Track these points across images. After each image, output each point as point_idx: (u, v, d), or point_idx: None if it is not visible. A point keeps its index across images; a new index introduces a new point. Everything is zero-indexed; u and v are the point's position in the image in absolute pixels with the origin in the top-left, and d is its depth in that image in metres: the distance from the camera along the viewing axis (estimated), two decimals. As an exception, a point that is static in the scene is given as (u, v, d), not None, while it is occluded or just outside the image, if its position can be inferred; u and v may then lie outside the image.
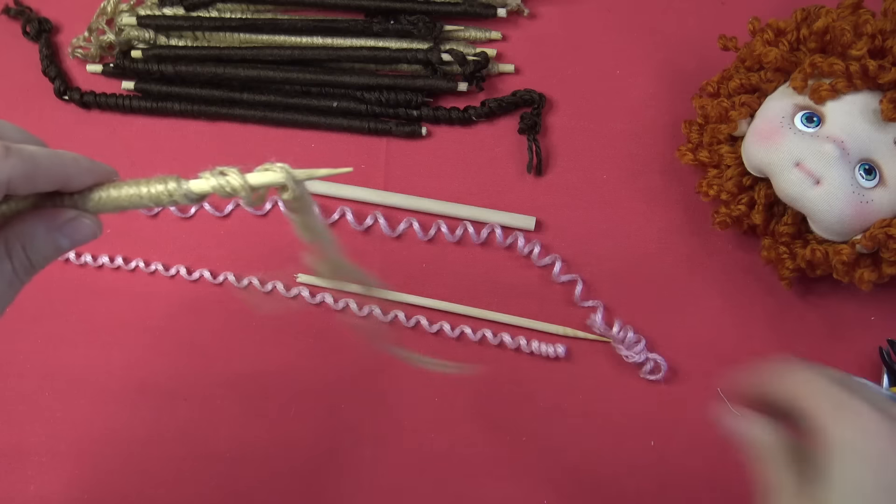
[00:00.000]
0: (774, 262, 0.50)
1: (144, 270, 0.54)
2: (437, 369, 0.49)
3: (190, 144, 0.57)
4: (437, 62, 0.56)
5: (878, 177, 0.46)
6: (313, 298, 0.53)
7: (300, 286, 0.53)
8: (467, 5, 0.58)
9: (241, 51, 0.57)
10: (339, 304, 0.53)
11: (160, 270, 0.54)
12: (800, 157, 0.46)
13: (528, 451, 0.50)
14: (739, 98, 0.49)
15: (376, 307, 0.53)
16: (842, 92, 0.46)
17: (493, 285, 0.52)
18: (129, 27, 0.58)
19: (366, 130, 0.57)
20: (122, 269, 0.54)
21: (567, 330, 0.52)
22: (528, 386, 0.52)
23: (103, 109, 0.58)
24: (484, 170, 0.56)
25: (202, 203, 0.43)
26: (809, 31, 0.48)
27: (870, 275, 0.47)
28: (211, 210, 0.55)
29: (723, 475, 0.49)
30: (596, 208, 0.55)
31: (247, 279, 0.54)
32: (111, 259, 0.54)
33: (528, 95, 0.57)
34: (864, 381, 0.46)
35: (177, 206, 0.38)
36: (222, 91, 0.57)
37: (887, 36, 0.46)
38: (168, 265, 0.54)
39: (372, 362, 0.52)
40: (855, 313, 0.53)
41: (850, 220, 0.46)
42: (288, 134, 0.57)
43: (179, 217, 0.55)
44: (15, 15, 0.60)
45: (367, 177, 0.56)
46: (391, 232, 0.54)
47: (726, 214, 0.50)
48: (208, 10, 0.59)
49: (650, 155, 0.56)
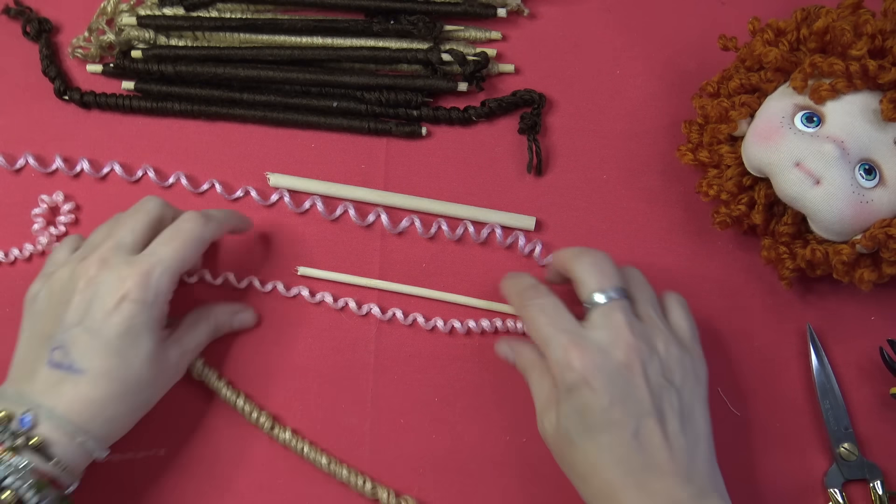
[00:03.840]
0: (774, 262, 0.50)
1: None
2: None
3: (190, 144, 0.57)
4: (437, 62, 0.56)
5: (878, 177, 0.46)
6: (313, 297, 0.53)
7: (300, 286, 0.53)
8: (467, 5, 0.58)
9: (241, 51, 0.57)
10: (338, 304, 0.53)
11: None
12: (800, 157, 0.46)
13: (529, 450, 0.50)
14: (739, 98, 0.49)
15: (375, 305, 0.53)
16: (842, 92, 0.46)
17: (494, 284, 0.52)
18: (129, 27, 0.58)
19: (366, 130, 0.57)
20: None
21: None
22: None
23: (103, 109, 0.58)
24: (484, 170, 0.56)
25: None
26: (809, 31, 0.48)
27: (870, 275, 0.47)
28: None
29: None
30: (596, 208, 0.55)
31: (246, 280, 0.54)
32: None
33: (528, 95, 0.57)
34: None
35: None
36: (222, 91, 0.57)
37: (887, 36, 0.46)
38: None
39: (371, 361, 0.52)
40: (855, 313, 0.53)
41: (850, 220, 0.46)
42: (288, 134, 0.57)
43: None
44: (15, 15, 0.60)
45: (367, 177, 0.56)
46: (393, 228, 0.54)
47: (726, 214, 0.50)
48: (208, 10, 0.59)
49: (650, 155, 0.56)
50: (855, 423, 0.50)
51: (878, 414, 0.51)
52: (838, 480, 0.49)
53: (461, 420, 0.51)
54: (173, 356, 0.47)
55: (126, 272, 0.44)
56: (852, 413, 0.51)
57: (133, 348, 0.43)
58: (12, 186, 0.56)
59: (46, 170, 0.56)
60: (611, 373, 0.42)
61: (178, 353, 0.47)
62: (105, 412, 0.43)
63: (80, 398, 0.42)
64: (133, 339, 0.43)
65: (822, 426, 0.50)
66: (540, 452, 0.50)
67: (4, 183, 0.56)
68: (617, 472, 0.41)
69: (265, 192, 0.56)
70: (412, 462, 0.50)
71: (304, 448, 0.49)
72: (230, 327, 0.52)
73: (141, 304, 0.44)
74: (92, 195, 0.56)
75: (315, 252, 0.55)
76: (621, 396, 0.42)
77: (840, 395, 0.51)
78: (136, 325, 0.43)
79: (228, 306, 0.52)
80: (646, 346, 0.43)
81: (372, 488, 0.48)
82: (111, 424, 0.43)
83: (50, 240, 0.54)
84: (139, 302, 0.43)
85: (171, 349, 0.47)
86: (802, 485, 0.50)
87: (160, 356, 0.45)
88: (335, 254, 0.55)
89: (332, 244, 0.55)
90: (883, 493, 0.49)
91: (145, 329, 0.44)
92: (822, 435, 0.50)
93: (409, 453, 0.50)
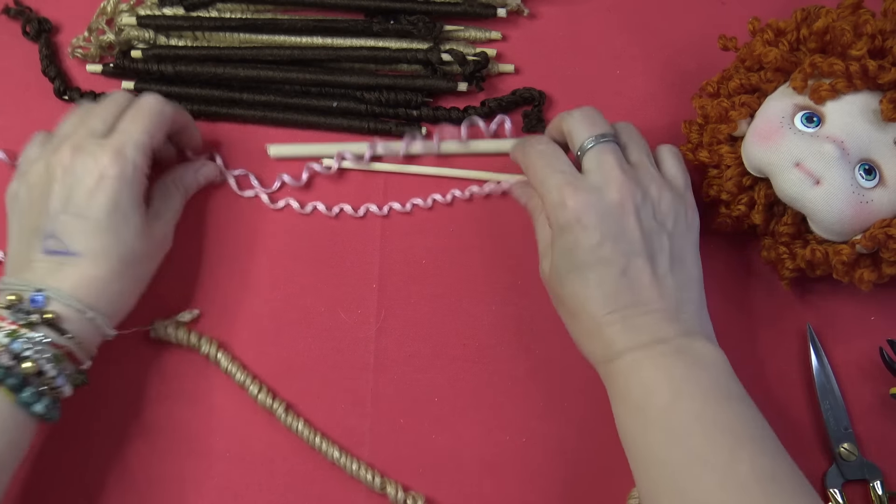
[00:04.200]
0: (774, 262, 0.50)
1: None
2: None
3: (190, 144, 0.57)
4: (437, 62, 0.56)
5: (878, 177, 0.46)
6: (303, 208, 0.53)
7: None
8: (467, 5, 0.58)
9: (241, 51, 0.57)
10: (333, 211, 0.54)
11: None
12: (800, 157, 0.46)
13: (529, 450, 0.50)
14: (739, 98, 0.49)
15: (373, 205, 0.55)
16: (842, 92, 0.46)
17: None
18: (129, 27, 0.58)
19: (366, 130, 0.57)
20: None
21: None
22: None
23: (103, 109, 0.58)
24: (483, 169, 0.56)
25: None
26: (809, 31, 0.48)
27: (870, 275, 0.47)
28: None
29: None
30: (596, 208, 0.55)
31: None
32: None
33: (527, 94, 0.57)
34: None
35: None
36: (222, 91, 0.57)
37: (887, 36, 0.46)
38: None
39: (371, 361, 0.52)
40: (855, 313, 0.53)
41: (850, 220, 0.46)
42: (288, 134, 0.57)
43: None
44: (15, 15, 0.60)
45: (367, 177, 0.56)
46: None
47: (726, 214, 0.50)
48: (208, 10, 0.59)
49: (650, 155, 0.56)
50: (855, 423, 0.50)
51: (878, 414, 0.51)
52: (838, 481, 0.49)
53: (461, 420, 0.51)
54: (158, 228, 0.49)
55: (100, 153, 0.45)
56: (852, 413, 0.51)
57: (123, 224, 0.45)
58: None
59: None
60: (603, 211, 0.43)
61: (162, 223, 0.50)
62: (109, 288, 0.45)
63: (84, 278, 0.44)
64: (121, 216, 0.45)
65: (822, 426, 0.50)
66: (540, 452, 0.50)
67: (4, 183, 0.56)
68: (604, 308, 0.43)
69: (265, 181, 0.56)
70: (412, 462, 0.50)
71: (317, 439, 0.49)
72: (198, 185, 0.54)
73: (120, 179, 0.45)
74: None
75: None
76: (612, 235, 0.43)
77: (840, 395, 0.51)
78: (119, 200, 0.45)
79: (190, 165, 0.54)
80: (638, 189, 0.44)
81: (381, 483, 0.48)
82: (117, 301, 0.46)
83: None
84: (118, 178, 0.45)
85: (153, 222, 0.49)
86: (802, 485, 0.50)
87: (147, 229, 0.47)
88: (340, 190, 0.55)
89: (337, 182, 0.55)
90: (883, 494, 0.49)
91: (129, 203, 0.46)
92: (822, 435, 0.50)
93: (409, 453, 0.50)
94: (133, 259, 0.46)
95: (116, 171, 0.45)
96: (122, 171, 0.45)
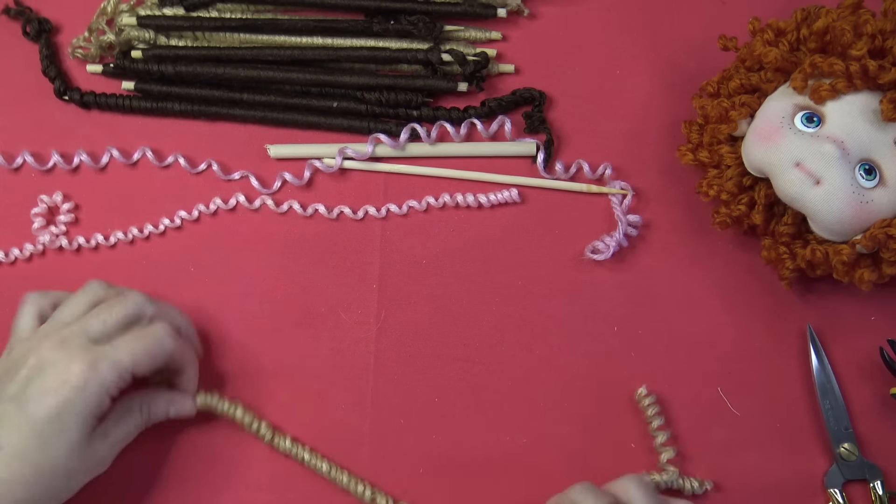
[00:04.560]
0: (774, 262, 0.50)
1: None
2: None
3: (190, 144, 0.57)
4: (437, 62, 0.56)
5: (878, 177, 0.46)
6: (304, 211, 0.53)
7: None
8: (467, 5, 0.58)
9: (241, 51, 0.57)
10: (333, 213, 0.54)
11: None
12: (800, 157, 0.46)
13: (530, 451, 0.50)
14: (739, 98, 0.49)
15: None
16: (842, 92, 0.46)
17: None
18: (129, 27, 0.58)
19: (366, 130, 0.57)
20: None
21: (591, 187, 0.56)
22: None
23: (103, 109, 0.58)
24: (483, 170, 0.56)
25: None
26: (809, 31, 0.48)
27: (870, 275, 0.47)
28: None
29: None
30: (596, 208, 0.55)
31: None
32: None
33: (528, 94, 0.57)
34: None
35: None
36: (222, 91, 0.57)
37: (887, 36, 0.46)
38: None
39: (371, 361, 0.52)
40: (855, 313, 0.53)
41: (850, 220, 0.46)
42: (288, 134, 0.57)
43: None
44: (15, 15, 0.60)
45: (368, 178, 0.56)
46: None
47: (726, 214, 0.50)
48: (208, 10, 0.59)
49: (650, 155, 0.56)
50: (855, 423, 0.50)
51: (878, 414, 0.51)
52: (838, 480, 0.49)
53: (461, 420, 0.51)
54: (100, 449, 0.44)
55: (77, 358, 0.42)
56: (852, 413, 0.51)
57: (57, 436, 0.42)
58: (12, 186, 0.56)
59: (44, 167, 0.56)
60: None
61: (106, 445, 0.44)
62: (11, 494, 0.41)
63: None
64: (60, 427, 0.42)
65: (822, 426, 0.50)
66: (540, 452, 0.50)
67: (4, 183, 0.56)
68: None
69: (265, 180, 0.56)
70: (412, 462, 0.50)
71: (305, 456, 0.49)
72: (166, 416, 0.48)
73: (80, 391, 0.42)
74: (92, 194, 0.56)
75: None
76: None
77: (840, 395, 0.51)
78: (67, 412, 0.42)
79: (164, 393, 0.48)
80: None
81: (371, 495, 0.48)
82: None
83: (51, 239, 0.54)
84: (77, 389, 0.42)
85: (97, 441, 0.44)
86: (802, 485, 0.50)
87: (85, 449, 0.43)
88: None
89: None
90: (883, 494, 0.49)
91: (77, 419, 0.42)
92: (822, 435, 0.50)
93: (409, 453, 0.50)
94: (52, 473, 0.42)
95: (80, 382, 0.42)
96: (84, 383, 0.42)
